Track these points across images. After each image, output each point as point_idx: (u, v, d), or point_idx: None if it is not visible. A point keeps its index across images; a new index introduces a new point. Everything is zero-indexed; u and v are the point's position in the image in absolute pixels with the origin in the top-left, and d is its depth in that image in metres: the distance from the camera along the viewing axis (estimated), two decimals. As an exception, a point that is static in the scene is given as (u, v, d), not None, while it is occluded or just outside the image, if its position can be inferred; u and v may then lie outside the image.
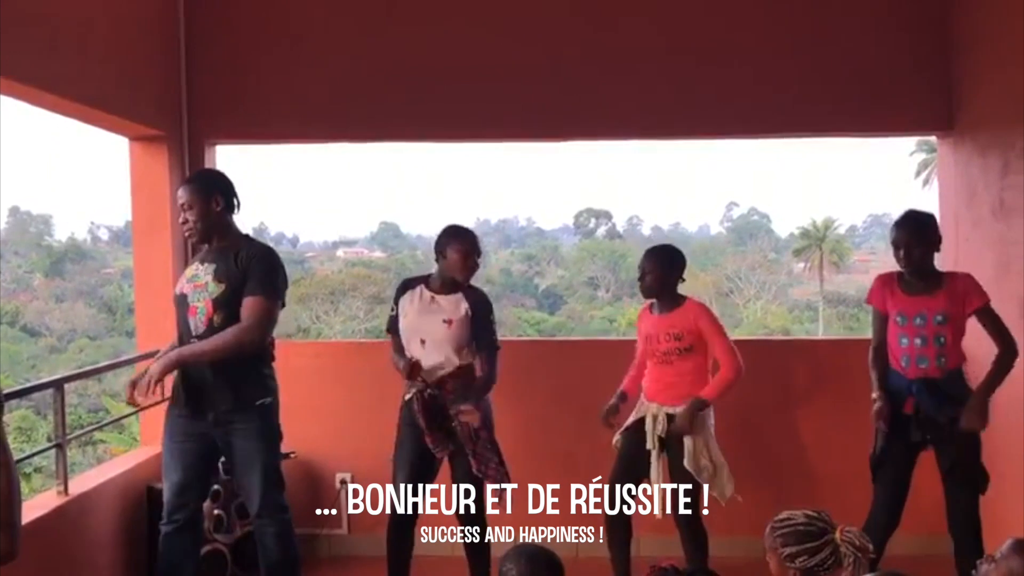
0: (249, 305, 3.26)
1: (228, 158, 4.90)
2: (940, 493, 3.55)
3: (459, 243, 3.67)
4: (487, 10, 4.68)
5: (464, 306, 3.67)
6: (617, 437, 3.90)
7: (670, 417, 3.74)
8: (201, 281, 3.34)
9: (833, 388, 4.52)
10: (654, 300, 3.89)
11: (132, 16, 4.19)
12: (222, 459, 3.66)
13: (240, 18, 4.69)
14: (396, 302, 3.78)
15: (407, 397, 3.68)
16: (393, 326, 3.79)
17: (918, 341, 3.51)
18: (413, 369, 3.57)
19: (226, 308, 3.28)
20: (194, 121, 4.60)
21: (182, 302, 3.38)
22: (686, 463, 3.67)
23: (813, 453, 4.57)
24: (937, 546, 3.74)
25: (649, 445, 3.76)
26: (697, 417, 3.70)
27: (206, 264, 3.37)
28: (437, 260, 3.72)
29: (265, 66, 4.68)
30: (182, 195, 3.40)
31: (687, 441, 3.69)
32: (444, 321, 3.64)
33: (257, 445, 3.36)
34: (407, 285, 3.79)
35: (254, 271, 3.30)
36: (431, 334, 3.64)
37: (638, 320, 4.01)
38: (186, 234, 3.48)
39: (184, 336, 3.38)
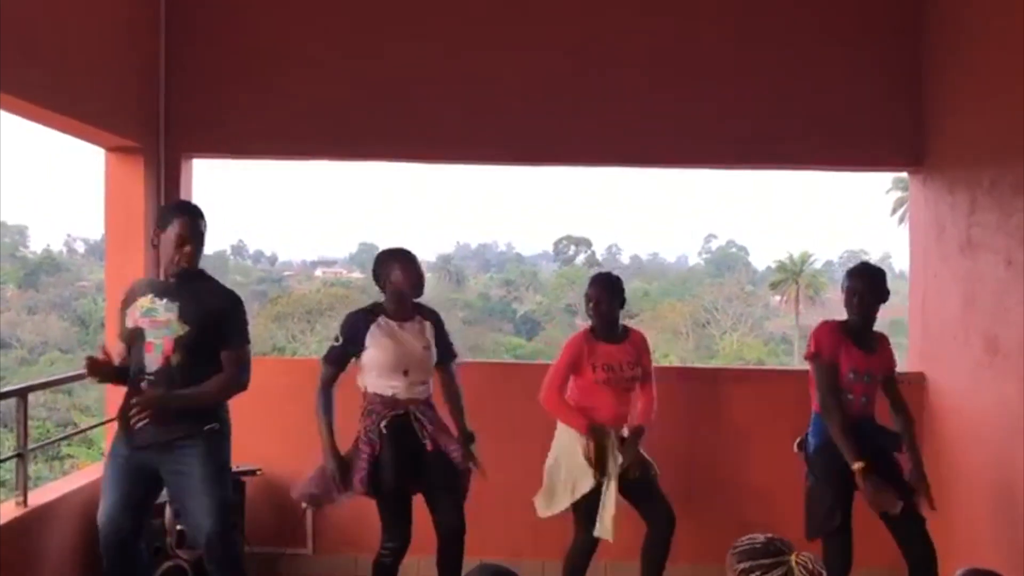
0: (236, 358, 3.27)
1: (209, 174, 4.90)
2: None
3: (399, 262, 3.63)
4: (469, 32, 4.73)
5: (428, 327, 3.70)
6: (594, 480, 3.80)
7: (620, 439, 3.83)
8: (161, 317, 3.22)
9: (798, 417, 4.51)
10: (594, 328, 3.89)
11: (112, 27, 4.20)
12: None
13: (220, 33, 4.71)
14: (348, 335, 3.62)
15: (383, 424, 3.59)
16: (338, 358, 3.65)
17: (864, 400, 3.56)
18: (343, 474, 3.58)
19: (188, 351, 3.21)
20: (171, 134, 4.60)
21: (137, 336, 3.25)
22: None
23: (779, 483, 4.56)
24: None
25: (609, 470, 3.75)
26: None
27: (166, 301, 3.23)
28: (384, 288, 3.67)
29: (244, 82, 4.70)
30: (190, 224, 3.25)
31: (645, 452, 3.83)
32: (424, 348, 3.64)
33: (204, 472, 3.23)
34: (361, 319, 3.63)
35: (233, 322, 3.30)
36: (414, 363, 3.60)
37: (575, 347, 3.87)
38: (183, 264, 3.25)
39: (134, 370, 3.26)
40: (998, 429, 3.81)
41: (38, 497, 3.63)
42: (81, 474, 4.30)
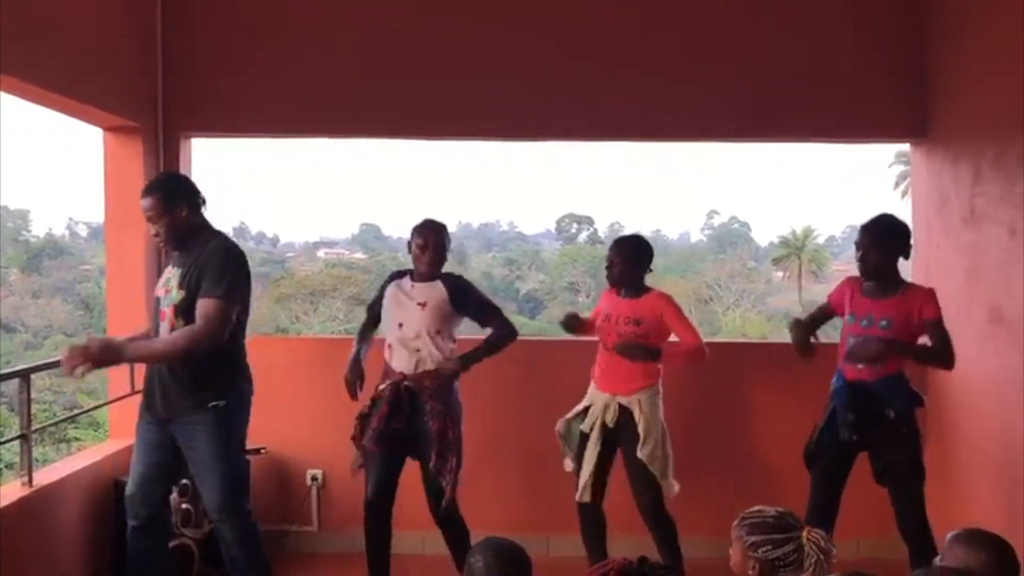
0: (201, 306, 3.20)
1: (211, 156, 4.87)
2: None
3: (418, 235, 3.83)
4: (471, 7, 4.68)
5: (440, 290, 3.78)
6: (560, 424, 3.95)
7: (622, 408, 3.79)
8: (170, 286, 3.32)
9: (803, 391, 4.49)
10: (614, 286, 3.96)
11: (108, 5, 4.15)
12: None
13: (218, 9, 4.66)
14: (382, 289, 3.96)
15: (380, 387, 3.76)
16: (372, 308, 4.02)
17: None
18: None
19: (186, 315, 3.24)
20: (169, 112, 4.56)
21: (156, 306, 3.38)
22: (639, 452, 3.71)
23: (787, 456, 4.57)
24: (889, 549, 3.74)
25: (585, 427, 3.83)
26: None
27: (176, 268, 3.34)
28: (410, 253, 3.87)
29: (243, 59, 4.66)
30: (146, 206, 3.30)
31: (641, 429, 3.72)
32: (418, 304, 3.77)
33: (209, 449, 3.29)
34: (394, 276, 3.98)
35: (207, 272, 3.23)
36: (407, 317, 3.78)
37: (603, 297, 4.06)
38: (159, 244, 3.49)
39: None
40: (1001, 399, 3.81)
41: (44, 477, 3.63)
42: (86, 454, 4.31)
